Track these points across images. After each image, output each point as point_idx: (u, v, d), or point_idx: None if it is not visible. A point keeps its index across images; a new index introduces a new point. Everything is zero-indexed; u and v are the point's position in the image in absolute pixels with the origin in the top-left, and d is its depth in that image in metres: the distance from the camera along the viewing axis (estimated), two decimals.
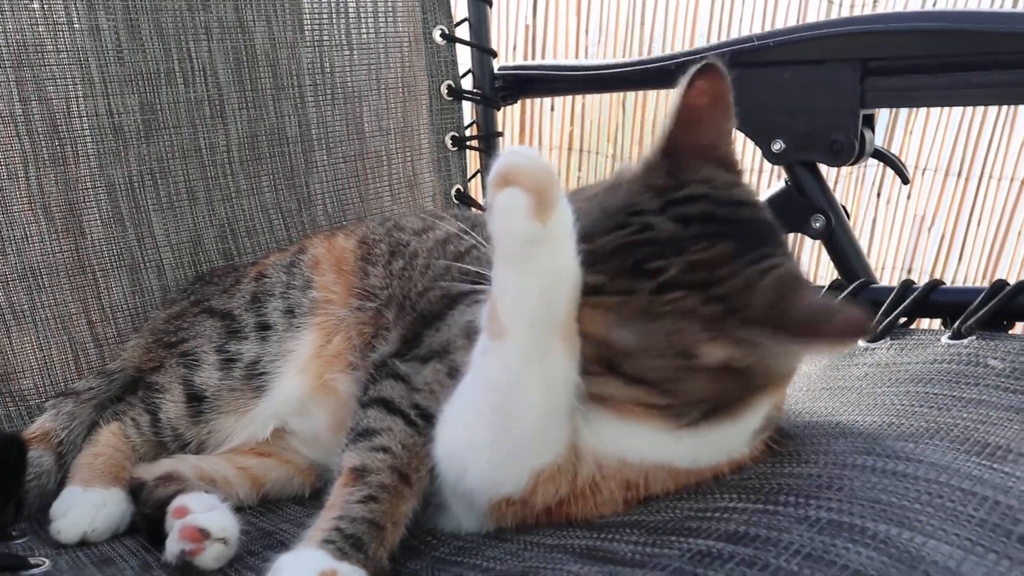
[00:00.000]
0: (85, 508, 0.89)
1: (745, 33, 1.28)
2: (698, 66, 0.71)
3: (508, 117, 2.10)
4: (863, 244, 2.21)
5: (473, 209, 1.54)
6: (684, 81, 0.71)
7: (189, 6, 1.25)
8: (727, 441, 0.74)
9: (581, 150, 2.06)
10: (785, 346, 0.66)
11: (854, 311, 0.62)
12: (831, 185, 1.34)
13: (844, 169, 2.28)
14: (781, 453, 0.79)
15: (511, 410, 0.68)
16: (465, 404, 0.72)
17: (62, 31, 1.17)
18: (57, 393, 1.08)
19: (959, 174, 2.20)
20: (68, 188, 1.17)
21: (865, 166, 2.28)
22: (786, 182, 1.31)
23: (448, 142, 1.54)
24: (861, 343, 1.05)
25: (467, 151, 1.57)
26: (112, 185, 1.20)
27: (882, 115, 2.19)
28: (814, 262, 2.17)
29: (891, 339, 1.04)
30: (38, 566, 0.81)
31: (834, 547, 0.60)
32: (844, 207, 1.30)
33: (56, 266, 1.16)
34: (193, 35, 1.26)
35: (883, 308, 1.08)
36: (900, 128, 2.19)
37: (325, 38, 1.39)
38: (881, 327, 1.06)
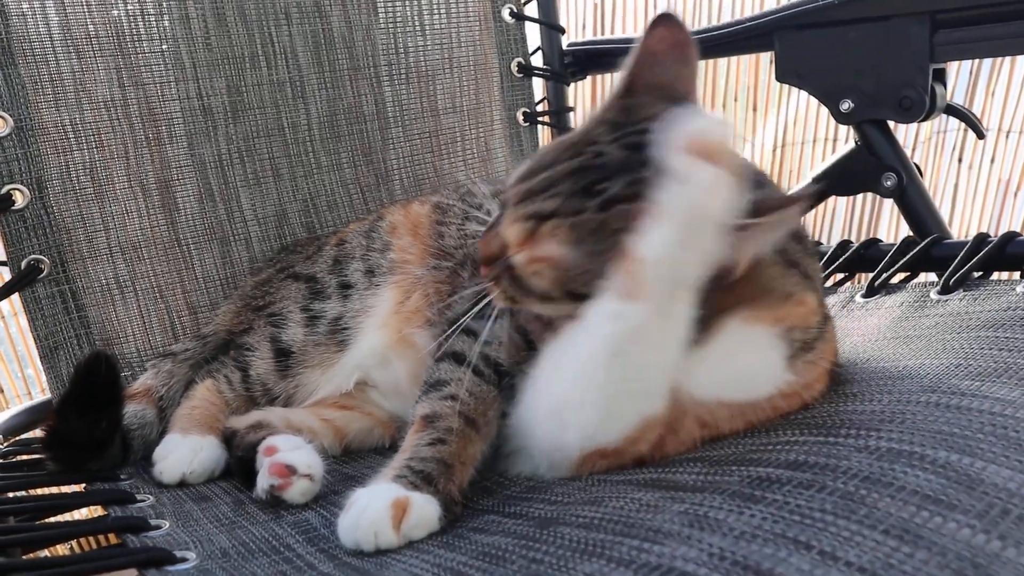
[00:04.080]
0: (184, 451, 0.96)
1: None
2: (657, 15, 0.77)
3: (579, 92, 2.12)
4: (944, 211, 2.15)
5: None
6: (644, 31, 0.76)
7: None
8: (749, 365, 0.76)
9: None
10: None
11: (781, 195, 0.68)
12: (908, 151, 1.33)
13: (923, 135, 2.23)
14: (845, 393, 0.80)
15: (636, 371, 0.70)
16: (571, 364, 0.73)
17: (155, 21, 1.25)
18: (157, 354, 1.16)
19: None
20: (163, 167, 1.25)
21: (944, 131, 2.22)
22: (856, 142, 1.30)
23: (520, 118, 1.57)
24: (933, 295, 1.05)
25: (538, 126, 1.60)
26: (203, 163, 1.28)
27: (961, 76, 2.13)
28: (892, 221, 2.14)
29: (964, 291, 1.03)
30: (143, 501, 0.88)
31: (892, 471, 0.61)
32: (917, 165, 1.29)
33: (153, 240, 1.24)
34: (274, 20, 1.33)
35: (956, 261, 1.07)
36: (981, 89, 2.12)
37: (399, 20, 1.44)
38: (954, 280, 1.05)
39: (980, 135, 1.30)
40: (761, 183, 0.73)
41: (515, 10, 1.55)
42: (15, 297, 1.15)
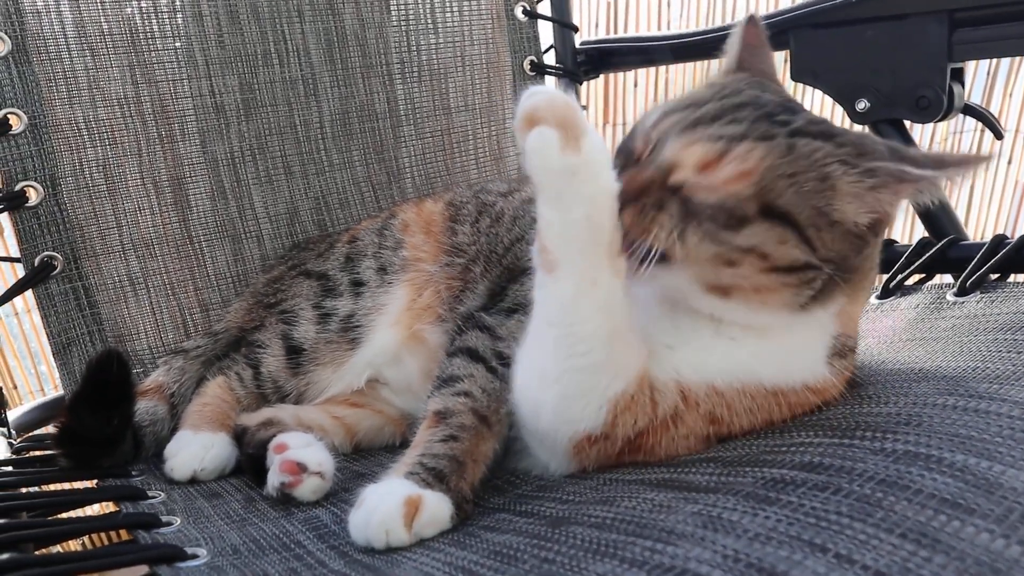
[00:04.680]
0: (195, 448, 0.96)
1: None
2: (747, 17, 0.86)
3: (592, 92, 2.11)
4: (960, 212, 2.13)
5: None
6: (739, 28, 0.85)
7: None
8: (799, 348, 0.76)
9: None
10: (918, 179, 0.69)
11: (963, 153, 0.74)
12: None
13: (939, 135, 2.21)
14: (861, 395, 0.79)
15: (574, 338, 0.70)
16: (531, 342, 0.74)
17: (168, 18, 1.25)
18: (168, 351, 1.16)
19: None
20: (176, 164, 1.25)
21: (961, 132, 2.20)
22: None
23: None
24: (950, 297, 1.04)
25: None
26: (215, 161, 1.28)
27: (979, 77, 2.11)
28: (908, 222, 2.12)
29: (981, 293, 1.02)
30: (155, 497, 0.88)
31: (909, 474, 0.60)
32: None
33: (166, 237, 1.24)
34: (287, 18, 1.33)
35: (973, 263, 1.06)
36: (999, 90, 2.10)
37: (411, 18, 1.44)
38: (971, 281, 1.04)
39: (999, 136, 1.28)
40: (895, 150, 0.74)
41: (528, 8, 1.55)
42: (28, 293, 1.16)
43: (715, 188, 0.69)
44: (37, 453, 1.01)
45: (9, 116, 1.12)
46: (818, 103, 2.23)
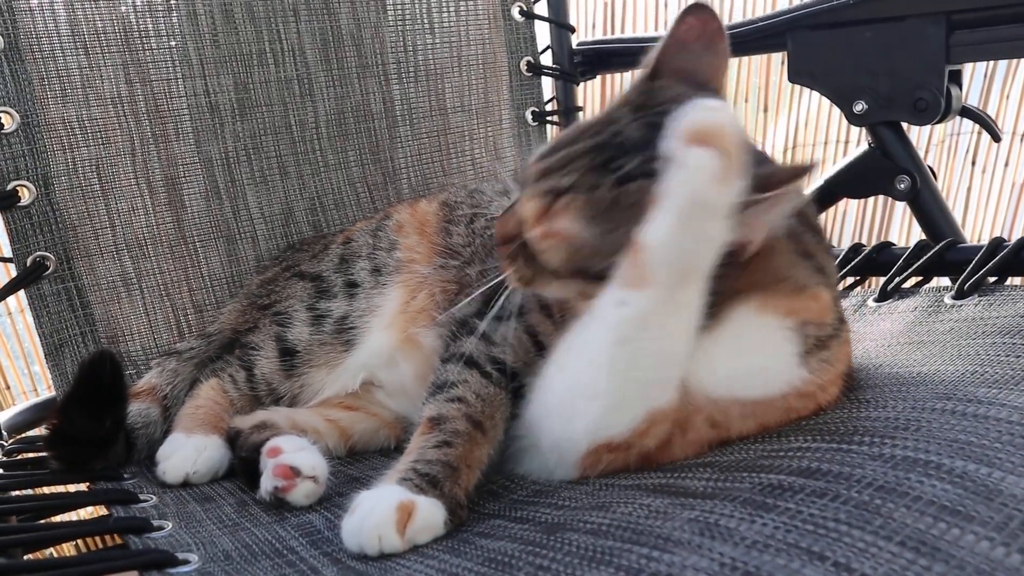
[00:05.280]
0: (188, 451, 0.95)
1: None
2: (689, 4, 0.77)
3: (588, 92, 2.11)
4: (957, 215, 2.13)
5: None
6: (675, 19, 0.77)
7: None
8: (761, 357, 0.74)
9: None
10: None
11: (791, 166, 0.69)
12: (921, 154, 1.31)
13: (936, 137, 2.21)
14: (858, 399, 0.79)
15: (642, 360, 0.70)
16: (584, 354, 0.73)
17: (162, 17, 1.24)
18: (161, 353, 1.15)
19: None
20: (170, 164, 1.24)
21: (958, 134, 2.20)
22: (869, 144, 1.28)
23: (528, 117, 1.56)
24: (948, 300, 1.03)
25: (547, 126, 1.58)
26: (209, 161, 1.27)
27: (976, 79, 2.11)
28: (905, 224, 2.12)
29: (979, 296, 1.02)
30: (146, 501, 0.87)
31: (907, 480, 0.60)
32: (931, 168, 1.27)
33: (159, 237, 1.23)
34: (282, 17, 1.32)
35: (971, 266, 1.05)
36: (996, 91, 2.10)
37: (407, 17, 1.43)
38: (968, 285, 1.03)
39: (996, 138, 1.28)
40: (763, 160, 0.73)
41: (525, 8, 1.54)
42: (21, 294, 1.15)
43: (541, 242, 0.72)
44: (28, 455, 1.00)
45: (1, 115, 1.11)
46: (815, 105, 2.23)
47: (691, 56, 0.76)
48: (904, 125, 1.26)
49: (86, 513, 1.22)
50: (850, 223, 2.31)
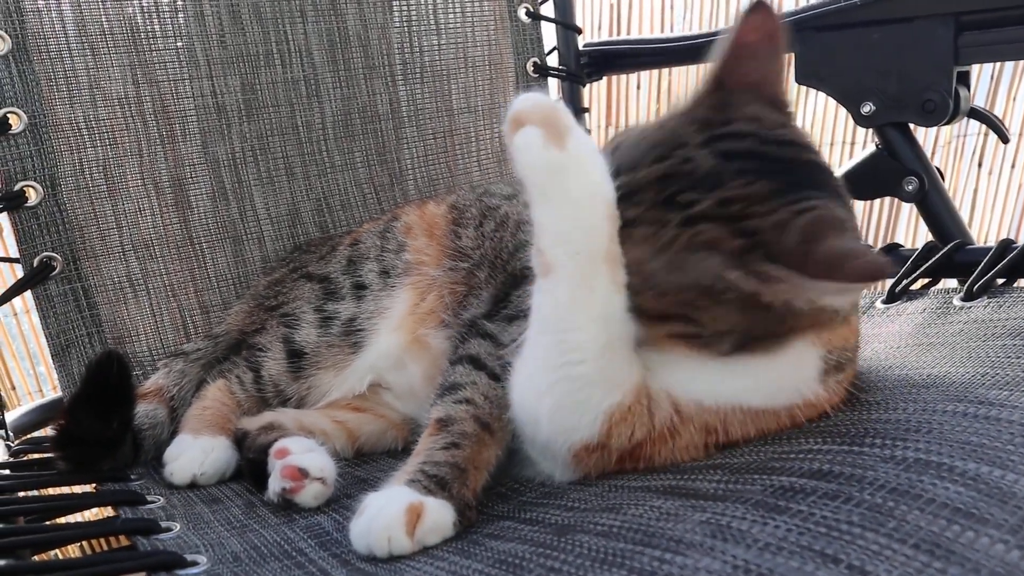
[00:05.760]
0: (195, 453, 0.95)
1: None
2: (750, 4, 0.72)
3: (595, 93, 2.11)
4: (964, 216, 2.13)
5: None
6: (736, 19, 0.73)
7: None
8: (783, 378, 0.73)
9: None
10: (802, 284, 0.64)
11: (876, 258, 0.63)
12: (927, 155, 1.31)
13: (942, 139, 2.20)
14: (868, 401, 0.78)
15: (567, 347, 0.69)
16: (527, 350, 0.73)
17: (169, 18, 1.24)
18: (168, 354, 1.15)
19: None
20: (176, 165, 1.24)
21: (964, 136, 2.19)
22: (877, 145, 1.28)
23: None
24: (956, 302, 1.03)
25: None
26: (216, 161, 1.27)
27: (983, 80, 2.10)
28: (911, 225, 2.12)
29: (988, 298, 1.01)
30: (154, 502, 0.87)
31: (920, 483, 0.59)
32: (939, 169, 1.27)
33: (166, 238, 1.23)
34: (289, 18, 1.32)
35: (980, 267, 1.05)
36: (1003, 92, 2.09)
37: (414, 19, 1.43)
38: (978, 286, 1.03)
39: (1004, 139, 1.28)
40: (840, 194, 0.70)
41: (531, 10, 1.54)
42: (27, 294, 1.14)
43: None
44: (35, 456, 1.00)
45: (9, 115, 1.11)
46: (822, 106, 2.23)
47: (756, 62, 0.72)
48: (911, 126, 1.26)
49: (91, 514, 1.22)
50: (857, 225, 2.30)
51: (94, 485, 0.94)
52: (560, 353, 0.70)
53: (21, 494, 0.87)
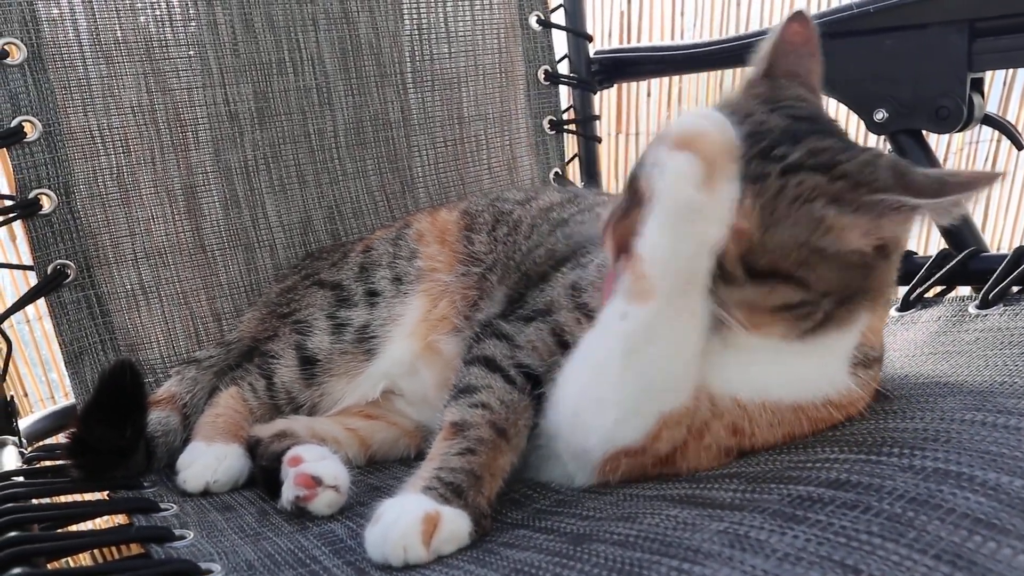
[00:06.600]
0: (208, 460, 0.95)
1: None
2: (793, 12, 0.80)
3: (605, 101, 2.10)
4: (977, 223, 2.12)
5: (570, 186, 1.56)
6: (780, 23, 0.80)
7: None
8: (832, 362, 0.75)
9: None
10: (918, 206, 0.67)
11: (971, 171, 0.67)
12: (940, 161, 1.30)
13: (955, 145, 2.19)
14: (884, 410, 0.78)
15: (657, 370, 0.70)
16: (596, 364, 0.73)
17: (182, 27, 1.24)
18: (181, 361, 1.15)
19: None
20: (189, 173, 1.24)
21: (977, 142, 2.18)
22: (889, 152, 1.27)
23: (546, 126, 1.56)
24: (972, 310, 1.02)
25: (564, 135, 1.58)
26: (229, 169, 1.27)
27: (996, 84, 2.09)
28: (923, 233, 2.10)
29: (1004, 305, 1.01)
30: (167, 510, 0.87)
31: (940, 492, 0.59)
32: None
33: (179, 245, 1.23)
34: (302, 27, 1.33)
35: (995, 276, 1.04)
36: (1016, 98, 2.08)
37: (424, 27, 1.43)
38: (993, 294, 1.02)
39: (1019, 146, 1.27)
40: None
41: (542, 17, 1.54)
42: (40, 301, 1.15)
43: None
44: (48, 463, 1.00)
45: (24, 124, 1.11)
46: (833, 114, 2.22)
47: (797, 57, 0.79)
48: (924, 133, 1.25)
49: (102, 522, 1.22)
50: None
51: (107, 492, 0.94)
52: (646, 374, 0.71)
53: (35, 502, 0.87)
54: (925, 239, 1.99)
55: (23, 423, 1.14)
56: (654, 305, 0.67)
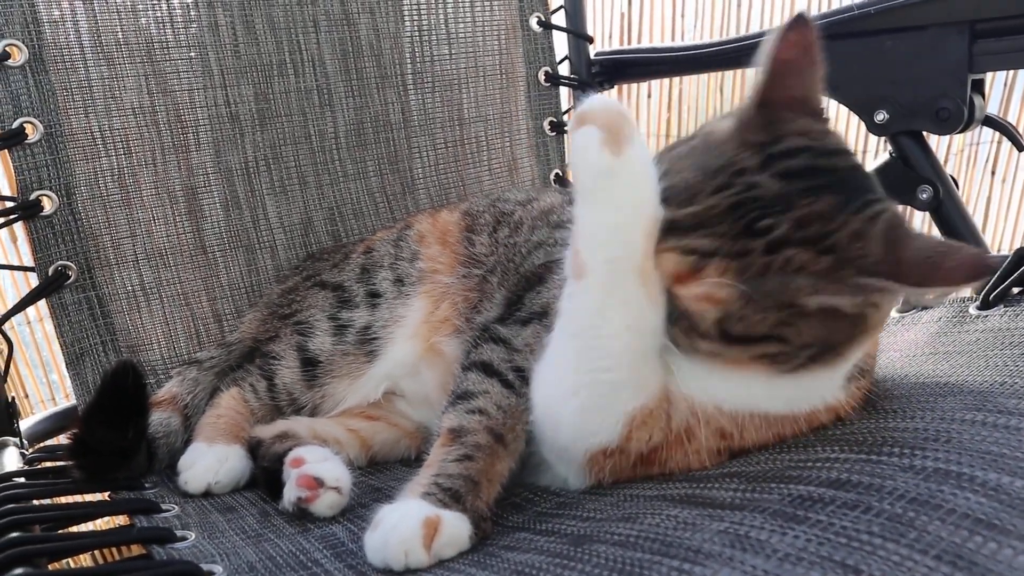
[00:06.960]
0: (210, 461, 0.95)
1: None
2: (789, 20, 0.72)
3: None
4: (977, 225, 2.12)
5: (570, 188, 1.56)
6: (774, 35, 0.71)
7: (299, 1, 1.32)
8: (822, 386, 0.74)
9: (678, 137, 2.04)
10: (903, 290, 0.66)
11: (968, 251, 0.63)
12: (940, 162, 1.30)
13: (955, 147, 2.19)
14: (885, 410, 0.78)
15: (598, 351, 0.70)
16: (554, 352, 0.74)
17: (183, 28, 1.24)
18: (182, 362, 1.15)
19: None
20: (190, 174, 1.25)
21: (977, 143, 2.18)
22: (890, 154, 1.27)
23: (546, 127, 1.56)
24: (972, 311, 1.02)
25: (565, 136, 1.58)
26: (229, 171, 1.27)
27: (996, 86, 2.09)
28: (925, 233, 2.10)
29: (1005, 306, 1.01)
30: (168, 510, 0.87)
31: (940, 493, 0.59)
32: (953, 177, 1.26)
33: (180, 247, 1.23)
34: (302, 28, 1.33)
35: (995, 277, 1.04)
36: (1017, 99, 2.08)
37: (425, 28, 1.44)
38: (994, 295, 1.02)
39: (1020, 147, 1.27)
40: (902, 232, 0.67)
41: (543, 19, 1.54)
42: (41, 302, 1.15)
43: (685, 300, 0.68)
44: (49, 464, 1.00)
45: (25, 125, 1.11)
46: (834, 115, 2.22)
47: (796, 78, 0.72)
48: (925, 134, 1.25)
49: (103, 523, 1.23)
50: None
51: (108, 493, 0.94)
52: (591, 358, 0.70)
53: (36, 502, 0.87)
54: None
55: (24, 424, 1.14)
56: (590, 279, 0.68)
